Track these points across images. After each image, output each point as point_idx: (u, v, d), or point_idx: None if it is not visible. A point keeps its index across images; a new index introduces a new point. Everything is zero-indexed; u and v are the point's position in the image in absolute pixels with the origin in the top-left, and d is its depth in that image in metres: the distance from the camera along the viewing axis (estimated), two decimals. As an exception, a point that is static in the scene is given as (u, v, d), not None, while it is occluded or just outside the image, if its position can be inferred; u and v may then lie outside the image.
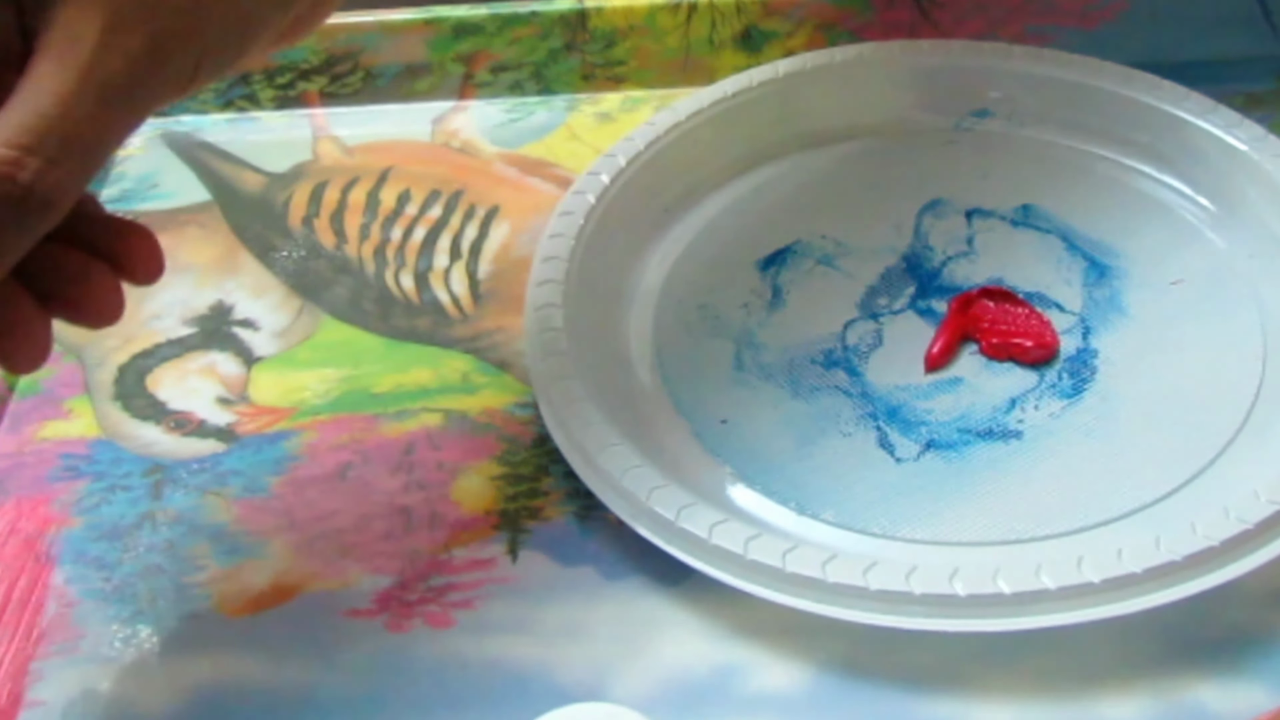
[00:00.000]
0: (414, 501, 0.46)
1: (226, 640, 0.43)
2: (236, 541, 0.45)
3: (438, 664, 0.42)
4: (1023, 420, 0.47)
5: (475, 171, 0.58)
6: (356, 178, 0.58)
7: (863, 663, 0.42)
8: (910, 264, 0.52)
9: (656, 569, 0.44)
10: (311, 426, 0.49)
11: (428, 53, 0.61)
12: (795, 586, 0.41)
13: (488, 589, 0.44)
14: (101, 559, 0.45)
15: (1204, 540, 0.41)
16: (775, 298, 0.51)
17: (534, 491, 0.46)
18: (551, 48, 0.61)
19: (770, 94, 0.56)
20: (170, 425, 0.49)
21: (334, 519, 0.46)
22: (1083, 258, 0.52)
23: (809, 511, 0.45)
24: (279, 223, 0.57)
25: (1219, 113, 0.54)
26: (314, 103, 0.62)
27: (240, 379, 0.51)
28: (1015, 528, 0.44)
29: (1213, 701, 0.40)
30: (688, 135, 0.55)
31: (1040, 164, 0.55)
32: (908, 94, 0.57)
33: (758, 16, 0.61)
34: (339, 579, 0.44)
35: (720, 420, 0.47)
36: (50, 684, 0.42)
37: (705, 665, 0.42)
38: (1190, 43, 0.60)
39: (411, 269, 0.54)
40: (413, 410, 0.49)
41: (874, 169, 0.56)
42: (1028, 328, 0.49)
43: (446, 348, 0.51)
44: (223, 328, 0.53)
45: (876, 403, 0.48)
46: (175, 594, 0.44)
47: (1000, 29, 0.61)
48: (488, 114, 0.61)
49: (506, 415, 0.49)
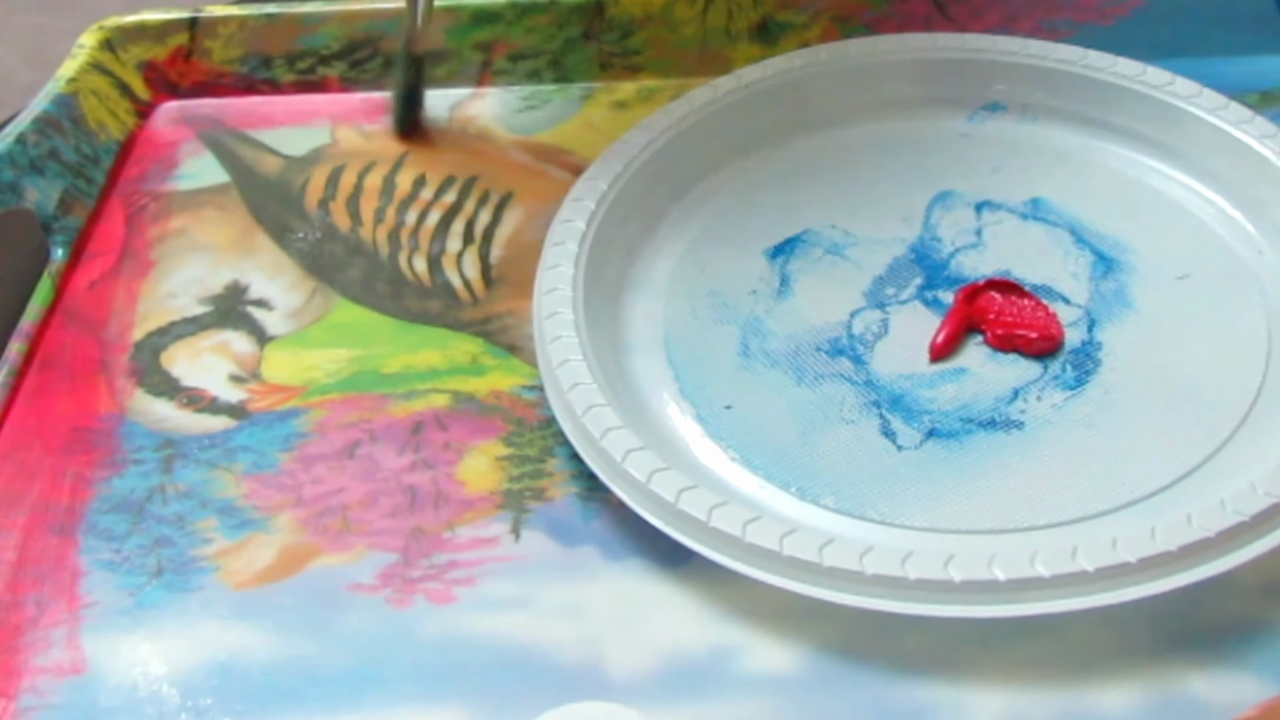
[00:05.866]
0: (420, 480, 0.47)
1: (232, 612, 0.44)
2: (244, 516, 0.46)
3: (438, 639, 0.43)
4: (1025, 411, 0.47)
5: (491, 158, 0.59)
6: (373, 162, 0.59)
7: (858, 646, 0.42)
8: (918, 255, 0.53)
9: (657, 551, 0.44)
10: (321, 405, 0.49)
11: (446, 40, 0.62)
12: (793, 570, 0.41)
13: (490, 567, 0.44)
14: (112, 530, 0.46)
15: (1199, 532, 0.41)
16: (783, 286, 0.52)
17: (538, 472, 0.47)
18: (569, 36, 0.62)
19: (784, 85, 0.57)
20: (183, 401, 0.50)
21: (341, 495, 0.47)
22: (1091, 251, 0.52)
23: (809, 497, 0.45)
24: (296, 205, 0.57)
25: (1231, 109, 0.54)
26: (334, 88, 0.63)
27: (253, 357, 0.51)
28: (1013, 516, 0.44)
29: (1204, 691, 0.40)
30: (701, 124, 0.55)
31: (1051, 158, 0.56)
32: (921, 87, 0.58)
33: (774, 8, 0.61)
34: (344, 554, 0.45)
35: (725, 405, 0.48)
36: (57, 652, 0.43)
37: (703, 646, 0.42)
38: (1204, 38, 0.60)
39: (425, 252, 0.55)
40: (421, 391, 0.50)
41: (885, 160, 0.56)
42: (1033, 319, 0.49)
43: (457, 330, 0.52)
44: (237, 307, 0.53)
45: (880, 391, 0.48)
46: (183, 566, 0.45)
47: (1016, 23, 0.61)
48: (505, 101, 0.62)
49: (514, 397, 0.49)
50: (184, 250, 0.56)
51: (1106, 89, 0.56)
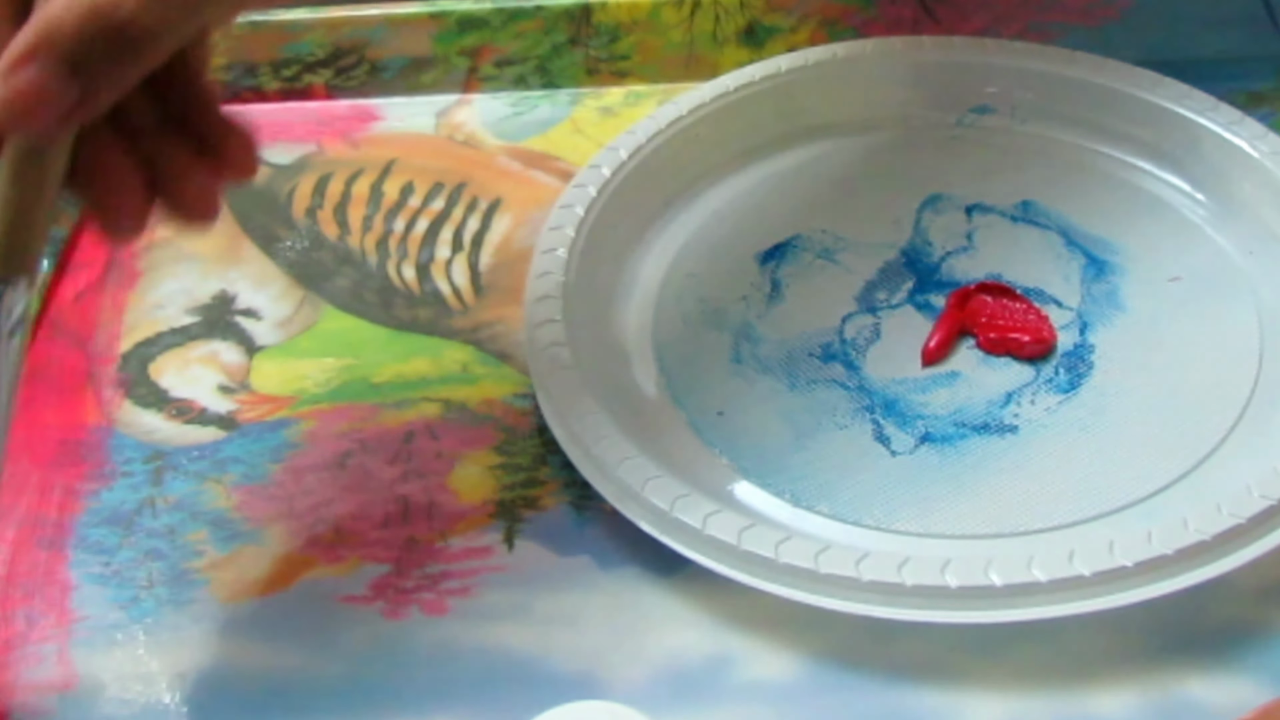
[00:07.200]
0: (412, 490, 0.47)
1: (223, 626, 0.43)
2: (235, 528, 0.46)
3: (432, 651, 0.42)
4: (1018, 414, 0.47)
5: (478, 164, 0.59)
6: (360, 170, 0.59)
7: (855, 653, 0.42)
8: (909, 259, 0.52)
9: (652, 559, 0.44)
10: (311, 415, 0.49)
11: (433, 46, 0.61)
12: (788, 577, 0.41)
13: (483, 577, 0.44)
14: (102, 543, 0.45)
15: (1195, 535, 0.41)
16: (774, 291, 0.52)
17: (531, 481, 0.47)
18: (556, 42, 0.61)
19: (772, 89, 0.56)
20: (172, 412, 0.50)
21: (332, 506, 0.46)
22: (1082, 254, 0.52)
23: (804, 503, 0.45)
24: (283, 214, 0.57)
25: (1220, 110, 0.54)
26: (319, 95, 0.62)
27: (242, 367, 0.51)
28: (1008, 521, 0.44)
29: (1202, 695, 0.40)
30: (689, 129, 0.55)
31: (1041, 160, 0.56)
32: (910, 90, 0.58)
33: (761, 12, 0.61)
34: (336, 566, 0.45)
35: (717, 412, 0.48)
36: (48, 667, 0.42)
37: (699, 654, 0.42)
38: (1193, 40, 0.60)
39: (413, 260, 0.55)
40: (412, 400, 0.49)
41: (875, 164, 0.56)
42: (1025, 323, 0.49)
43: (447, 338, 0.52)
44: (225, 317, 0.53)
45: (873, 396, 0.48)
46: (174, 579, 0.44)
47: (1003, 26, 0.61)
48: (492, 107, 0.61)
49: (505, 406, 0.49)
50: (171, 260, 0.55)
51: (1096, 91, 0.56)
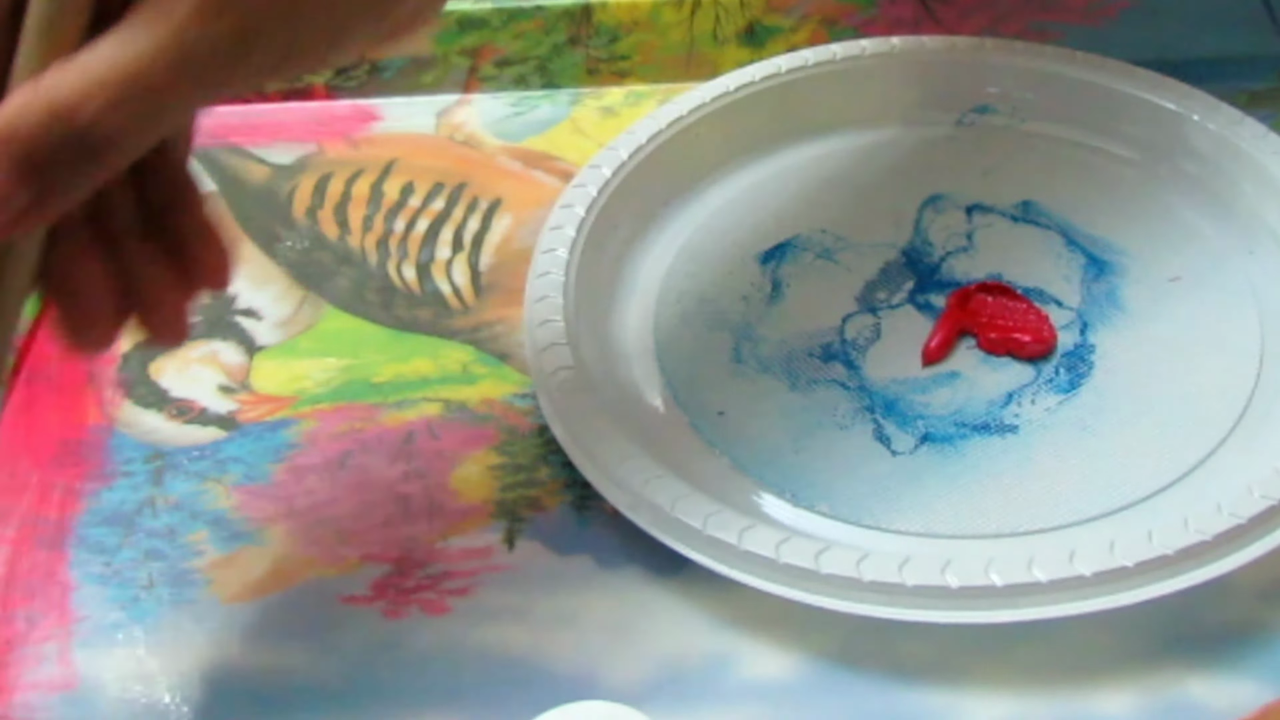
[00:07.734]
0: (413, 490, 0.47)
1: (224, 626, 0.43)
2: (236, 528, 0.46)
3: (433, 651, 0.42)
4: (1019, 414, 0.47)
5: (479, 164, 0.59)
6: (361, 170, 0.59)
7: (855, 653, 0.42)
8: (910, 259, 0.52)
9: (652, 559, 0.44)
10: (312, 415, 0.49)
11: (433, 46, 0.61)
12: (789, 577, 0.41)
13: (484, 577, 0.44)
14: (102, 544, 0.45)
15: (1196, 535, 0.41)
16: (775, 291, 0.52)
17: (532, 481, 0.47)
18: (556, 42, 0.61)
19: (773, 89, 0.56)
20: (172, 412, 0.50)
21: (333, 507, 0.46)
22: (1082, 254, 0.52)
23: (804, 503, 0.45)
24: (283, 214, 0.57)
25: (1220, 110, 0.54)
26: (320, 96, 0.62)
27: (242, 367, 0.51)
28: (1009, 521, 0.44)
29: (1202, 695, 0.40)
30: (689, 129, 0.55)
31: (1041, 160, 0.56)
32: (910, 89, 0.58)
33: (761, 12, 0.61)
34: (337, 566, 0.45)
35: (718, 412, 0.48)
36: (49, 667, 0.42)
37: (699, 654, 0.42)
38: (1193, 40, 0.60)
39: (414, 260, 0.55)
40: (413, 400, 0.49)
41: (875, 164, 0.56)
42: (1025, 323, 0.49)
43: (447, 338, 0.52)
44: (225, 317, 0.53)
45: (874, 396, 0.48)
46: (174, 579, 0.44)
47: (1003, 25, 0.61)
48: (492, 107, 0.61)
49: (506, 405, 0.49)
50: (171, 260, 0.55)
51: (1096, 91, 0.56)
